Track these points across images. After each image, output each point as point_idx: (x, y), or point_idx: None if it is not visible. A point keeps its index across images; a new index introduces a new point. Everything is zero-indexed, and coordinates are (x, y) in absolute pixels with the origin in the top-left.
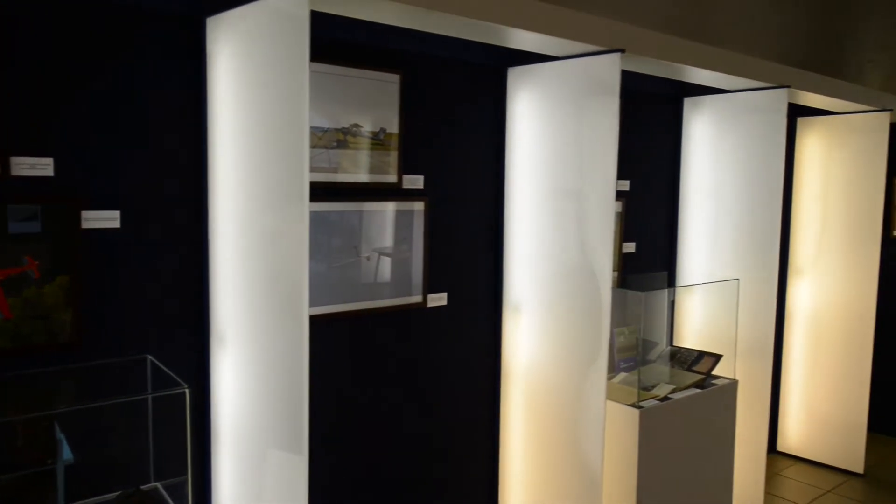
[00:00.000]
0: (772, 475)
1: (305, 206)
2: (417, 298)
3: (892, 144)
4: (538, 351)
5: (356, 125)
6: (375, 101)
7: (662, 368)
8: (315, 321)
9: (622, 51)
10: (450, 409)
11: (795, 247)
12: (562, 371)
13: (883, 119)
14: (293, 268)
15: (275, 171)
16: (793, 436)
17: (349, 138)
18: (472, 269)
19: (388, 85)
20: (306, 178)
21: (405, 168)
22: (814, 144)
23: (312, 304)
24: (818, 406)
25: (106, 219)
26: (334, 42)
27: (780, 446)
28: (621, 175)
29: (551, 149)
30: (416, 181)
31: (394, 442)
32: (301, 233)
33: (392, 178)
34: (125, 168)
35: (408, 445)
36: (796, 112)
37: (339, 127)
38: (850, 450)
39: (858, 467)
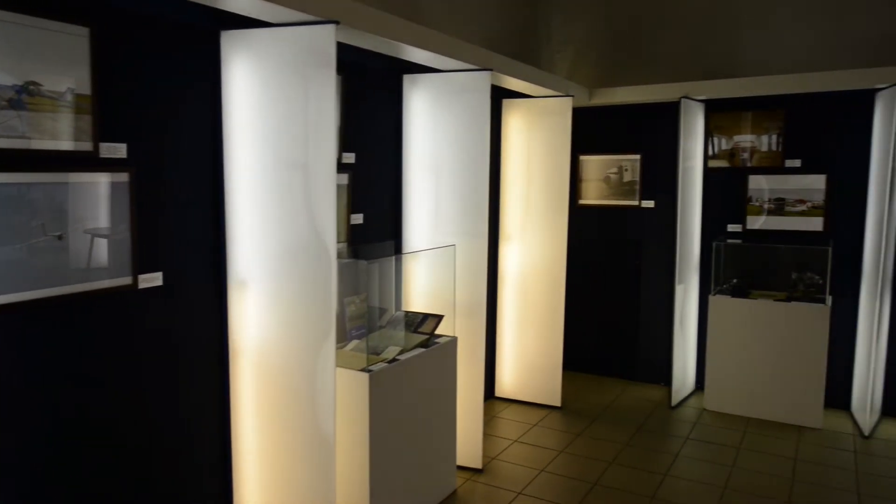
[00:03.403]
0: (490, 418)
1: None
2: (126, 280)
3: (576, 126)
4: (268, 326)
5: (33, 83)
6: (60, 58)
7: (393, 333)
8: None
9: (336, 22)
10: (171, 395)
11: (505, 215)
12: (292, 344)
13: (567, 104)
14: None
15: None
16: (507, 382)
17: (25, 98)
18: (191, 244)
19: (74, 39)
20: None
21: (103, 135)
22: (517, 124)
23: None
24: (526, 354)
25: None
26: None
27: (498, 392)
28: (347, 147)
29: (273, 119)
30: (117, 150)
31: (108, 443)
32: None
33: (87, 145)
34: None
35: (124, 444)
36: (502, 94)
37: (10, 84)
38: (550, 388)
39: (557, 401)
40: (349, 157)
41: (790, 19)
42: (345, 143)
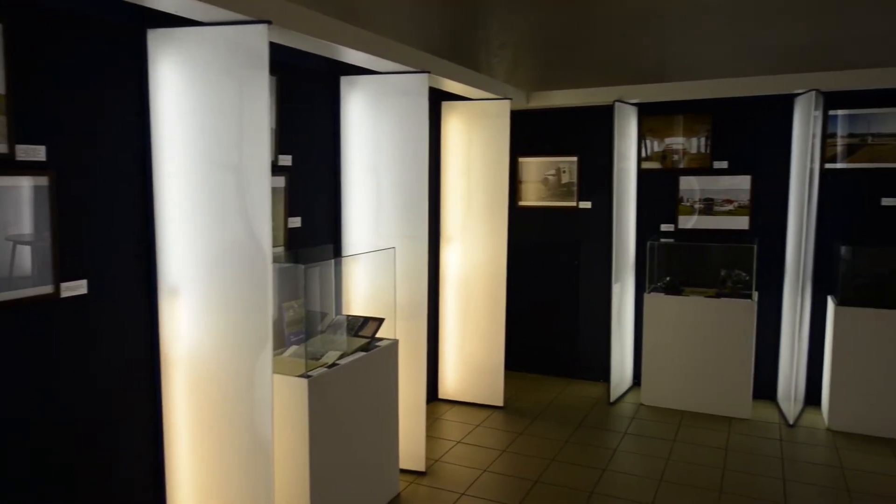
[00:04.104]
0: (433, 420)
1: None
2: (47, 289)
3: (514, 129)
4: (202, 334)
5: None
6: None
7: (333, 337)
8: None
9: (269, 22)
10: (99, 409)
11: (446, 217)
12: (228, 351)
13: (505, 106)
14: None
15: None
16: (451, 383)
17: None
18: (118, 250)
19: None
20: None
21: (19, 136)
22: (456, 126)
23: None
24: (469, 355)
25: None
26: None
27: (441, 394)
28: (283, 150)
29: (203, 120)
30: (35, 152)
31: (32, 459)
32: None
33: (2, 147)
34: None
35: (49, 460)
36: (441, 97)
37: None
38: (492, 388)
39: (499, 401)
40: (286, 160)
41: (717, 27)
42: (281, 146)
